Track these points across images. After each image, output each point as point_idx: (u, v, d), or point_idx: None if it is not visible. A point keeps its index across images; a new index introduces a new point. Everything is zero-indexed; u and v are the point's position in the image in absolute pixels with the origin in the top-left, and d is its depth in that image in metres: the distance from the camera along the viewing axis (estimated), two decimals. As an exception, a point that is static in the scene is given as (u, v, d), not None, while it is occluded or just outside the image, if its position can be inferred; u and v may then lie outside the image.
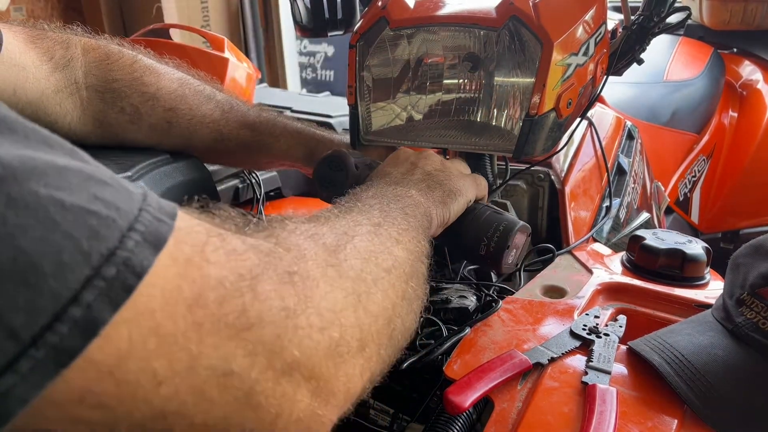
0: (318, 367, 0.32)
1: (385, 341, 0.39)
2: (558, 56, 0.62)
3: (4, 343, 0.21)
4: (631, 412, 0.45)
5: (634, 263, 0.68)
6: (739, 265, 0.52)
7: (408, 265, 0.44)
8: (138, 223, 0.25)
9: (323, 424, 0.34)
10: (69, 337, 0.22)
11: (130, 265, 0.24)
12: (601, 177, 0.88)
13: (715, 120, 1.57)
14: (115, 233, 0.24)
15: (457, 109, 0.70)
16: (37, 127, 0.25)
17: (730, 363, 0.47)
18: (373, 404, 0.60)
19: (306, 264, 0.34)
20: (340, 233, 0.40)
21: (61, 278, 0.22)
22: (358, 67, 0.70)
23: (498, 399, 0.47)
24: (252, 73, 1.07)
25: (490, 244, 0.59)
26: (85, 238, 0.23)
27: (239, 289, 0.28)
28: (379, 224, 0.45)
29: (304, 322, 0.31)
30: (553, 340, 0.54)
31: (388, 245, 0.43)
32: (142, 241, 0.25)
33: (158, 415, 0.26)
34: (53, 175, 0.23)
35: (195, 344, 0.26)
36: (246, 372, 0.28)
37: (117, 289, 0.23)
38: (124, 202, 0.25)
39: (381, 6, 0.68)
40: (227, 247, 0.29)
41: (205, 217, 0.31)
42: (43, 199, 0.22)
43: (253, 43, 2.62)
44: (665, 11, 0.74)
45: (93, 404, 0.24)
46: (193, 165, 0.69)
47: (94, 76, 0.63)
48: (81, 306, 0.22)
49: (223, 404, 0.28)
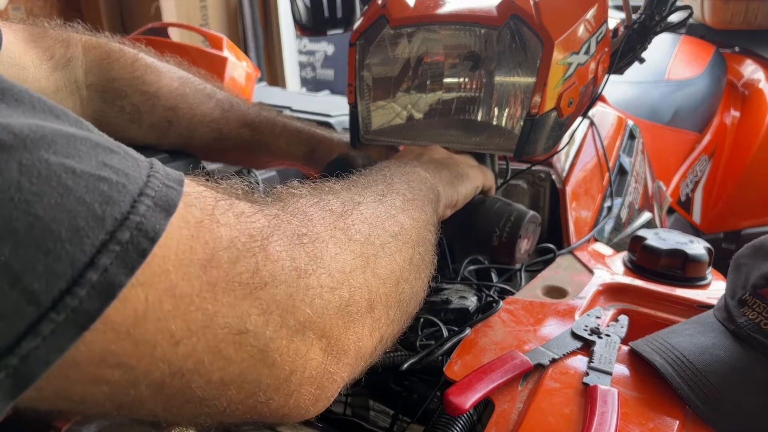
0: (329, 325, 0.33)
1: (394, 304, 0.40)
2: (559, 55, 0.62)
3: (25, 308, 0.21)
4: (633, 413, 0.45)
5: (636, 263, 0.68)
6: (740, 265, 0.51)
7: (414, 232, 0.45)
8: (148, 189, 0.25)
9: (335, 382, 0.35)
10: (88, 300, 0.22)
11: (143, 229, 0.24)
12: (602, 177, 0.87)
13: (717, 119, 1.57)
14: (127, 198, 0.24)
15: (457, 108, 0.70)
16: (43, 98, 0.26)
17: (732, 364, 0.46)
18: (373, 405, 0.60)
19: (314, 227, 0.35)
20: (346, 200, 0.41)
21: (78, 243, 0.22)
22: (358, 65, 0.69)
23: (498, 400, 0.47)
24: (251, 72, 1.07)
25: (503, 234, 0.60)
26: (98, 203, 0.23)
27: (251, 250, 0.29)
28: (383, 194, 0.46)
29: (315, 282, 0.32)
30: (554, 340, 0.53)
31: (393, 212, 0.44)
32: (153, 206, 0.25)
33: (176, 373, 0.27)
34: (62, 143, 0.24)
35: (210, 303, 0.27)
36: (261, 330, 0.29)
37: (132, 252, 0.24)
38: (132, 169, 0.26)
39: (381, 4, 0.68)
40: (236, 210, 0.30)
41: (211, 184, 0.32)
42: (54, 166, 0.23)
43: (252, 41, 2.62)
44: (667, 10, 0.73)
45: (113, 364, 0.25)
46: (192, 164, 0.69)
47: (94, 75, 0.63)
48: (98, 270, 0.23)
49: (239, 362, 0.29)
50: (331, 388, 0.35)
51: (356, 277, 0.36)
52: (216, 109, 0.71)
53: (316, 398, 0.34)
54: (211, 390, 0.28)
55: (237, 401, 0.30)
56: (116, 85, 0.64)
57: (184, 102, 0.68)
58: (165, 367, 0.26)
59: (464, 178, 0.59)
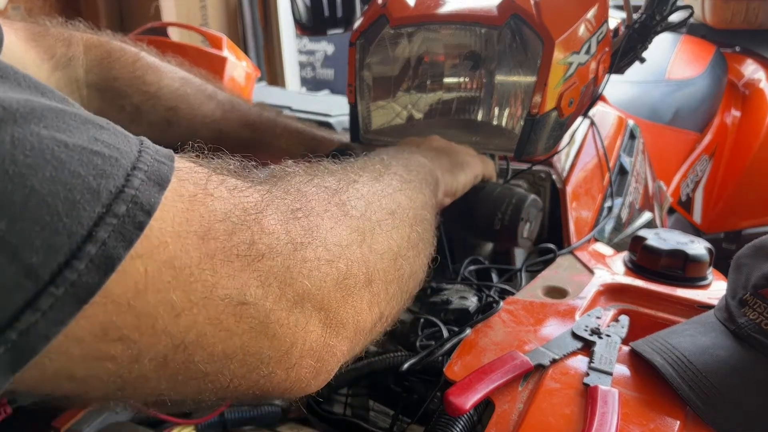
0: (327, 298, 0.33)
1: (393, 280, 0.40)
2: (560, 55, 0.62)
3: (23, 282, 0.21)
4: (633, 414, 0.45)
5: (636, 263, 0.67)
6: (741, 265, 0.51)
7: (411, 211, 0.45)
8: (140, 163, 0.25)
9: (334, 355, 0.35)
10: (87, 274, 0.22)
11: (139, 202, 0.24)
12: (602, 177, 0.87)
13: (718, 119, 1.57)
14: (120, 172, 0.24)
15: (457, 108, 0.70)
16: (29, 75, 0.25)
17: (733, 364, 0.46)
18: (373, 406, 0.60)
19: (309, 202, 0.35)
20: (341, 178, 0.41)
21: (75, 216, 0.22)
22: (358, 65, 0.69)
23: (499, 400, 0.47)
24: (251, 72, 1.06)
25: (504, 218, 0.60)
26: (92, 176, 0.23)
27: (245, 222, 0.29)
28: (380, 173, 0.45)
29: (311, 254, 0.32)
30: (555, 341, 0.53)
31: (389, 191, 0.44)
32: (147, 180, 0.25)
33: (179, 346, 0.27)
34: (51, 117, 0.23)
35: (210, 274, 0.27)
36: (260, 302, 0.29)
37: (129, 225, 0.24)
38: (123, 144, 0.26)
39: (381, 4, 0.67)
40: (228, 185, 0.30)
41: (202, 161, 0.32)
42: (46, 140, 0.22)
43: (252, 41, 2.62)
44: (667, 10, 0.73)
45: (115, 338, 0.24)
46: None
47: (95, 75, 0.63)
48: (96, 243, 0.23)
49: (240, 333, 0.29)
50: (331, 362, 0.35)
51: (353, 250, 0.36)
52: (217, 109, 0.72)
53: (316, 371, 0.34)
54: (214, 364, 0.28)
55: (240, 375, 0.30)
56: (116, 85, 0.64)
57: (184, 102, 0.69)
58: (167, 340, 0.26)
59: (464, 166, 0.59)
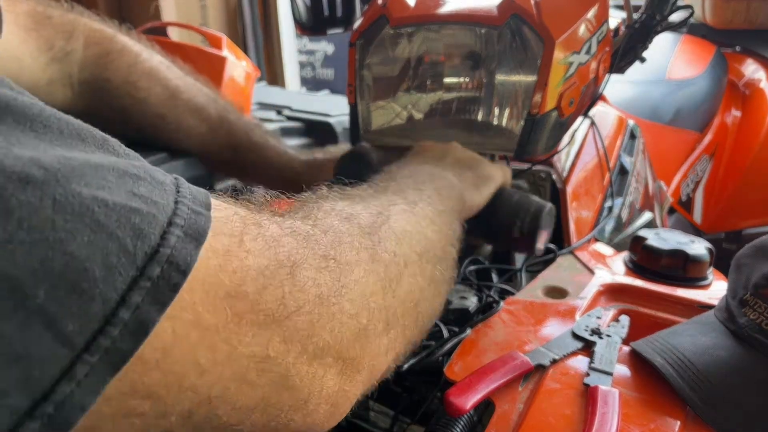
0: (346, 349, 0.34)
1: (411, 323, 0.41)
2: (560, 54, 0.61)
3: (59, 351, 0.21)
4: (634, 414, 0.44)
5: (637, 263, 0.67)
6: (741, 265, 0.51)
7: (439, 248, 0.45)
8: (177, 217, 0.25)
9: (348, 399, 0.36)
10: (120, 340, 0.22)
11: (174, 262, 0.24)
12: (603, 176, 0.87)
13: (718, 119, 1.56)
14: (157, 230, 0.24)
15: (458, 108, 0.69)
16: (70, 120, 0.25)
17: (733, 364, 0.46)
18: (373, 406, 0.60)
19: (342, 248, 0.35)
20: (375, 213, 0.41)
21: (110, 281, 0.22)
22: (358, 65, 0.69)
23: (499, 401, 0.47)
24: (251, 72, 1.06)
25: (524, 226, 0.61)
26: (129, 237, 0.23)
27: (279, 278, 0.29)
28: (414, 203, 0.46)
29: (337, 309, 0.33)
30: (555, 341, 0.53)
31: (422, 225, 0.44)
32: (183, 236, 0.24)
33: (204, 401, 0.27)
34: (91, 174, 0.23)
35: (235, 334, 0.27)
36: (282, 356, 0.29)
37: (163, 288, 0.23)
38: (160, 196, 0.25)
39: (381, 4, 0.67)
40: (266, 234, 0.30)
41: (239, 204, 0.31)
42: (87, 200, 0.22)
43: (252, 41, 2.62)
44: (668, 10, 0.73)
45: (144, 395, 0.24)
46: (192, 163, 0.69)
47: (89, 72, 0.63)
48: (130, 308, 0.22)
49: (262, 386, 0.29)
50: (345, 405, 0.36)
51: (376, 299, 0.36)
52: (202, 125, 0.72)
53: (331, 414, 0.35)
54: (237, 415, 0.28)
55: (260, 424, 0.30)
56: (108, 86, 0.64)
57: (171, 113, 0.69)
58: (193, 395, 0.26)
59: (488, 180, 0.60)
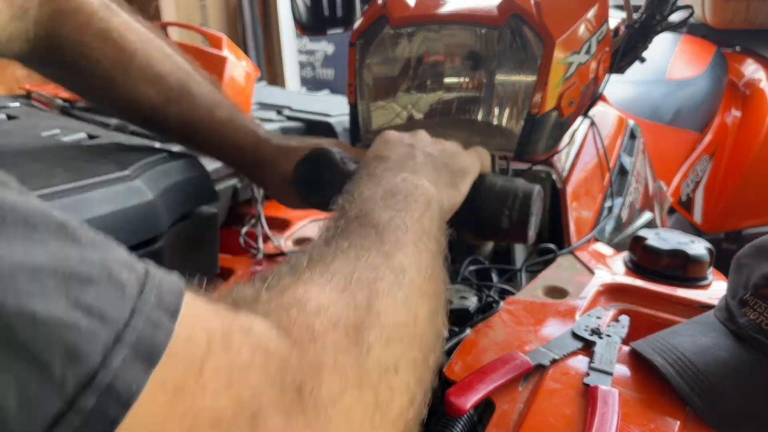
0: None
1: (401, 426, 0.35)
2: (560, 54, 0.61)
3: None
4: (633, 414, 0.44)
5: (637, 264, 0.67)
6: (741, 265, 0.51)
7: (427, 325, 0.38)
8: (127, 332, 0.21)
9: None
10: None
11: (114, 391, 0.20)
12: (603, 176, 0.87)
13: (718, 119, 1.56)
14: (98, 348, 0.20)
15: (458, 108, 0.69)
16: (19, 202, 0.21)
17: (733, 364, 0.46)
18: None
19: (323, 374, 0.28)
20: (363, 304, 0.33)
21: (25, 419, 0.19)
22: (358, 65, 0.69)
23: (499, 401, 0.47)
24: (251, 72, 1.06)
25: (512, 214, 0.54)
26: (59, 362, 0.19)
27: (238, 426, 0.24)
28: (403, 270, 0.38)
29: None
30: (555, 341, 0.53)
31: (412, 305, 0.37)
32: (132, 357, 0.21)
33: None
34: (23, 279, 0.20)
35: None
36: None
37: (96, 424, 0.20)
38: (112, 304, 0.22)
39: (381, 4, 0.67)
40: (233, 361, 0.25)
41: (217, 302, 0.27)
42: (7, 315, 0.19)
43: (252, 41, 2.62)
44: (668, 10, 0.73)
45: None
46: (192, 164, 0.69)
47: (43, 29, 0.60)
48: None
49: None
50: None
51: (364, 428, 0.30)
52: (158, 95, 0.65)
53: None
54: None
55: None
56: (61, 44, 0.61)
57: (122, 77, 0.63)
58: None
59: (464, 174, 0.53)
